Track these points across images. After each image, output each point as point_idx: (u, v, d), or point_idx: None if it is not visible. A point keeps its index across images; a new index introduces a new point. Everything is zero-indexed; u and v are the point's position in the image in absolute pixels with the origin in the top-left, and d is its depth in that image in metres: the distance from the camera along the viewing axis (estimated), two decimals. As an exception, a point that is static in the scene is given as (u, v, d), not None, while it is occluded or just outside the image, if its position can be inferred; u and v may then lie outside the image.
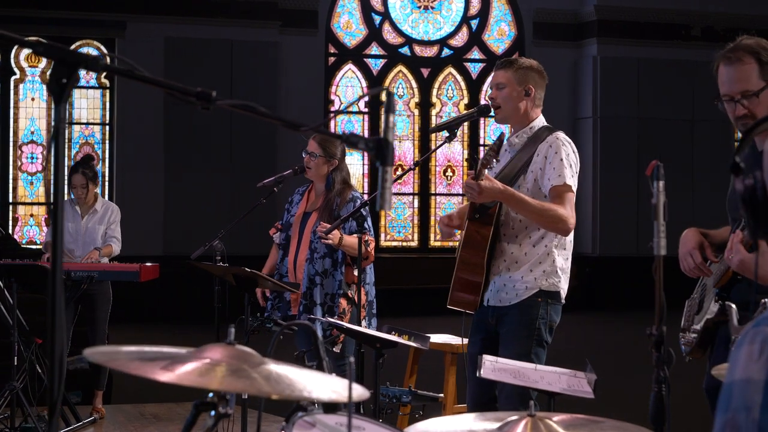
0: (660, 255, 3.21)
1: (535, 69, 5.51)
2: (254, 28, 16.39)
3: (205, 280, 11.16)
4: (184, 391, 8.94)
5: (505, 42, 18.32)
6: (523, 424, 3.07)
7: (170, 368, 2.49)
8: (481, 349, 5.25)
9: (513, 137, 5.50)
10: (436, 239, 18.10)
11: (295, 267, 6.82)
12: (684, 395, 4.99)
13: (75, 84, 2.33)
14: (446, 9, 18.13)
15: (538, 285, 5.30)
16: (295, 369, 2.65)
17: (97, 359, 2.56)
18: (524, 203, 5.18)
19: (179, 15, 16.08)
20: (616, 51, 17.84)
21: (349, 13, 17.73)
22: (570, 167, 5.29)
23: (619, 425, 3.25)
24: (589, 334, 14.16)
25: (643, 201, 17.48)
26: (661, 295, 3.28)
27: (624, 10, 17.86)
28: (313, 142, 6.96)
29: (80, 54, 2.32)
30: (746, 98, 4.19)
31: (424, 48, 18.10)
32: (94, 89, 16.36)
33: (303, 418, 2.90)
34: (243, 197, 15.56)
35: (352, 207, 6.68)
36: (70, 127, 16.24)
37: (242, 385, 2.49)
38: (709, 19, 18.24)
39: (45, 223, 16.25)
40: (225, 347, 2.60)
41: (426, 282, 16.40)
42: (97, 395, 8.74)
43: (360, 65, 17.80)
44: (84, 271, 8.20)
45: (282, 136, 16.35)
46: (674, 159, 17.82)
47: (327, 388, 2.56)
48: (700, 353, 4.40)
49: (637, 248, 17.50)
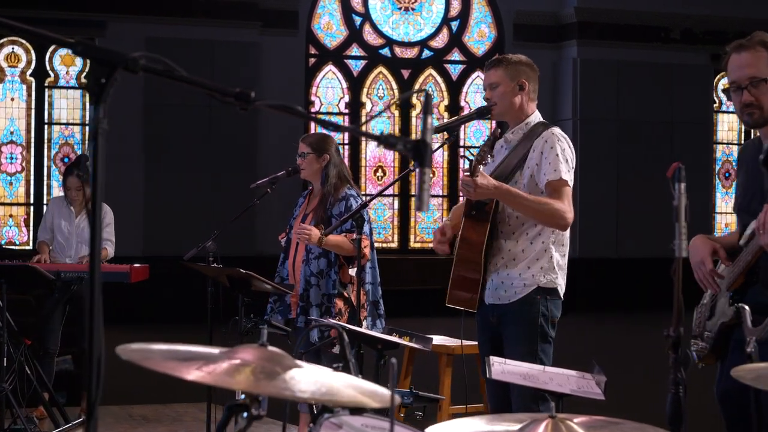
0: (680, 257, 3.21)
1: (524, 63, 5.52)
2: (235, 29, 16.35)
3: (186, 280, 11.20)
4: (169, 393, 8.87)
5: (486, 44, 18.33)
6: (543, 426, 3.08)
7: (206, 369, 2.48)
8: (490, 348, 5.29)
9: (508, 133, 5.50)
10: (416, 241, 18.10)
11: (294, 269, 6.83)
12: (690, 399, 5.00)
13: (114, 84, 2.32)
14: (427, 10, 18.13)
15: (537, 282, 5.31)
16: (326, 371, 2.65)
17: (131, 357, 2.55)
18: (520, 199, 5.18)
19: (160, 15, 16.02)
20: (596, 53, 17.89)
21: (330, 14, 17.71)
22: (566, 162, 5.30)
23: (638, 426, 3.25)
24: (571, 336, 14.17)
25: (623, 203, 17.63)
26: (679, 297, 3.28)
27: (604, 13, 17.91)
28: (302, 143, 7.00)
29: (119, 54, 2.31)
30: (754, 86, 4.23)
31: (405, 49, 18.09)
32: (74, 89, 16.29)
33: (329, 419, 2.89)
34: (223, 197, 15.54)
35: (344, 205, 6.69)
36: (50, 127, 16.18)
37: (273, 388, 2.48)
38: (688, 21, 18.31)
39: (24, 223, 16.15)
40: (257, 348, 2.60)
41: (407, 284, 16.41)
42: (85, 396, 8.68)
43: (340, 66, 17.78)
44: (74, 272, 8.15)
45: (262, 136, 16.32)
46: (653, 160, 17.91)
47: (358, 391, 2.56)
48: (713, 359, 4.40)
49: (616, 250, 17.58)
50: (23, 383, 7.82)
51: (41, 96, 16.17)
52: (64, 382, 8.79)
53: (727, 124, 19.34)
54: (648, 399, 9.28)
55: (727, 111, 19.31)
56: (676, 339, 3.29)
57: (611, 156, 17.70)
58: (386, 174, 17.94)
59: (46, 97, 16.19)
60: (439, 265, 16.87)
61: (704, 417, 5.31)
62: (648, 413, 4.21)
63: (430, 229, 18.10)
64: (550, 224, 5.27)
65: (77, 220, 8.69)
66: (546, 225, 5.28)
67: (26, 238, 16.09)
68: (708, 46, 18.45)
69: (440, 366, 6.99)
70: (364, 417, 2.96)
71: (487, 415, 3.46)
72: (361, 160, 17.69)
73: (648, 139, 17.88)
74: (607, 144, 17.79)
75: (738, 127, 19.40)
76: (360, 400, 2.48)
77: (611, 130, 17.80)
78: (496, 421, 3.23)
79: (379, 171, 17.86)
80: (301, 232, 6.58)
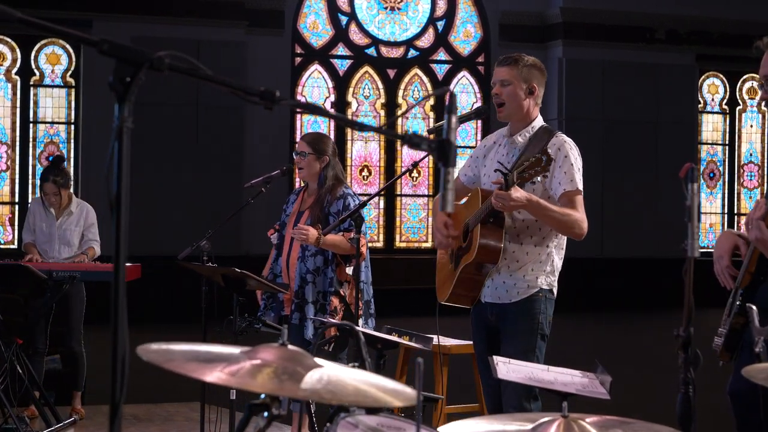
0: (692, 257, 3.21)
1: (538, 67, 5.51)
2: (221, 28, 16.33)
3: (174, 279, 11.19)
4: (160, 392, 8.84)
5: (471, 43, 18.35)
6: (556, 425, 3.08)
7: (229, 370, 2.47)
8: (486, 346, 5.31)
9: (517, 136, 5.48)
10: (402, 240, 18.10)
11: (288, 266, 6.83)
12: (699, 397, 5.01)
13: (139, 83, 2.31)
14: (413, 10, 18.14)
15: (539, 284, 5.35)
16: (346, 370, 2.64)
17: (152, 359, 2.54)
18: (548, 210, 5.20)
19: (146, 14, 15.99)
20: (582, 53, 17.94)
21: (316, 14, 17.70)
22: (578, 171, 5.35)
23: (649, 426, 3.26)
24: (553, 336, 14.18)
25: (608, 202, 17.66)
26: (690, 297, 3.28)
27: (589, 13, 17.95)
28: (302, 142, 7.00)
29: (145, 53, 2.30)
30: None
31: (391, 49, 18.10)
32: (59, 88, 16.24)
33: (345, 418, 2.89)
34: (210, 196, 15.53)
35: (342, 204, 6.70)
36: (35, 126, 16.13)
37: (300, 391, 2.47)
38: (673, 22, 18.37)
39: (9, 222, 16.09)
40: (278, 348, 2.59)
41: (393, 283, 16.41)
42: (76, 396, 8.68)
43: (326, 66, 17.77)
44: (66, 272, 8.12)
45: (249, 135, 16.32)
46: (638, 161, 17.98)
47: (381, 390, 2.56)
48: (727, 356, 4.41)
49: (601, 250, 17.60)
50: (14, 383, 7.79)
51: (26, 94, 16.11)
52: (52, 381, 8.76)
53: (711, 125, 19.41)
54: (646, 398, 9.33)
55: (711, 111, 19.38)
56: (687, 339, 3.29)
57: (596, 156, 17.73)
58: (372, 174, 17.93)
59: (32, 95, 16.14)
60: (425, 265, 16.96)
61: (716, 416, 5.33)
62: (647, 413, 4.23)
63: (415, 229, 18.12)
64: (570, 234, 5.31)
65: (59, 221, 8.63)
66: (565, 234, 5.35)
67: (11, 237, 16.04)
68: (693, 47, 18.53)
69: (435, 366, 6.99)
70: (379, 416, 2.95)
71: (498, 415, 3.46)
72: (347, 159, 17.66)
73: (633, 139, 17.94)
74: (592, 144, 17.81)
75: (722, 128, 19.47)
76: (384, 399, 2.48)
77: (596, 129, 17.84)
78: (507, 420, 3.23)
79: (364, 171, 17.85)
80: (299, 233, 6.58)
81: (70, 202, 8.71)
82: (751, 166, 19.63)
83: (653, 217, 17.72)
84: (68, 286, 8.13)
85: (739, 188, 19.51)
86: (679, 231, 4.23)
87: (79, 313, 8.60)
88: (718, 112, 19.45)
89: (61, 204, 8.64)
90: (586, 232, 5.29)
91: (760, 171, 19.49)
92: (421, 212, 18.13)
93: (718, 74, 19.39)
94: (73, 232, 8.62)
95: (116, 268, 2.31)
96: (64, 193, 8.65)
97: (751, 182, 19.53)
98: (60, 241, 8.59)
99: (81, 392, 8.71)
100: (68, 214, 8.66)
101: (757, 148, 19.66)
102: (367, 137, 17.94)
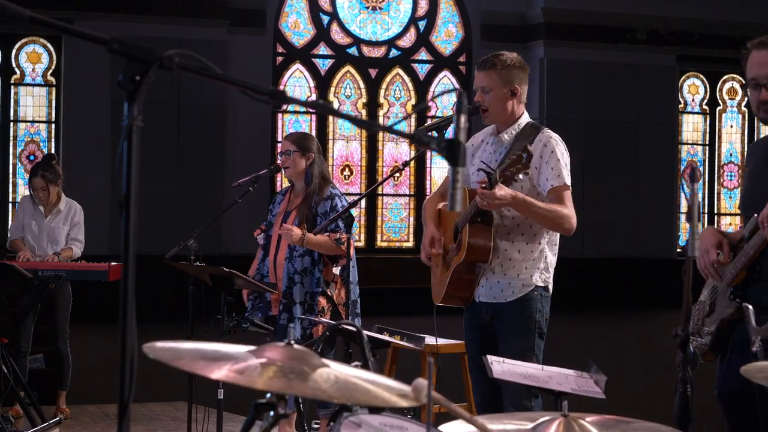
0: (692, 256, 3.22)
1: (518, 66, 5.46)
2: (203, 27, 16.28)
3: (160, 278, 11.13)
4: (145, 392, 8.84)
5: (453, 43, 18.36)
6: (556, 425, 3.09)
7: (236, 368, 2.47)
8: (479, 346, 5.30)
9: (503, 134, 5.47)
10: (383, 240, 18.10)
11: (275, 266, 6.83)
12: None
13: (149, 82, 2.31)
14: (394, 10, 18.14)
15: (534, 282, 5.34)
16: (352, 370, 2.64)
17: (160, 357, 2.53)
18: (534, 207, 5.19)
19: (127, 12, 15.93)
20: (563, 53, 17.97)
21: (297, 13, 17.68)
22: (566, 166, 5.35)
23: (649, 426, 3.26)
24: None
25: (588, 202, 17.67)
26: (688, 297, 3.30)
27: (571, 13, 17.98)
28: (286, 141, 7.02)
29: (154, 52, 2.30)
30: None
31: (372, 48, 18.09)
32: (40, 87, 16.17)
33: (348, 418, 2.89)
34: (190, 196, 15.51)
35: (329, 204, 6.71)
36: (15, 124, 16.06)
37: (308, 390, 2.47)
38: (654, 23, 18.42)
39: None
40: (284, 348, 2.59)
41: (374, 283, 16.38)
42: (61, 395, 8.64)
43: (308, 65, 17.75)
44: (52, 271, 8.09)
45: (230, 134, 16.29)
46: (618, 160, 18.03)
47: (388, 390, 2.56)
48: (712, 356, 4.42)
49: (582, 250, 17.63)
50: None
51: (7, 93, 16.04)
52: (37, 380, 8.72)
53: (691, 125, 19.48)
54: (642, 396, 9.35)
55: (692, 112, 19.46)
56: (685, 338, 3.30)
57: (577, 156, 17.68)
58: (353, 173, 17.92)
59: (12, 94, 16.07)
60: (407, 264, 16.97)
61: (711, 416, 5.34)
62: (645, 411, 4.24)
63: (396, 229, 18.12)
64: (558, 230, 5.31)
65: (47, 219, 8.61)
66: (554, 230, 5.34)
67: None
68: (674, 47, 18.59)
69: (423, 365, 6.98)
70: (382, 416, 2.95)
71: (497, 414, 3.46)
72: (328, 159, 17.64)
73: (613, 139, 17.99)
74: (573, 143, 17.77)
75: (702, 128, 19.54)
76: (392, 399, 2.48)
77: (577, 129, 17.86)
78: (507, 419, 3.23)
79: (346, 170, 17.85)
80: (284, 232, 6.60)
81: (59, 201, 8.70)
82: (731, 167, 19.70)
83: (634, 217, 17.78)
84: (54, 285, 8.10)
85: (719, 188, 19.58)
86: (659, 230, 4.26)
87: (64, 311, 8.57)
88: (699, 113, 19.52)
89: (50, 201, 8.62)
90: (575, 227, 5.28)
91: (740, 171, 19.56)
92: (403, 212, 18.13)
93: (698, 75, 19.46)
94: (61, 230, 8.60)
95: (125, 267, 2.30)
96: (53, 190, 8.63)
97: (731, 182, 19.61)
98: (48, 238, 8.57)
99: (66, 392, 8.68)
100: (57, 212, 8.64)
101: (737, 149, 19.73)
102: (348, 137, 17.93)
